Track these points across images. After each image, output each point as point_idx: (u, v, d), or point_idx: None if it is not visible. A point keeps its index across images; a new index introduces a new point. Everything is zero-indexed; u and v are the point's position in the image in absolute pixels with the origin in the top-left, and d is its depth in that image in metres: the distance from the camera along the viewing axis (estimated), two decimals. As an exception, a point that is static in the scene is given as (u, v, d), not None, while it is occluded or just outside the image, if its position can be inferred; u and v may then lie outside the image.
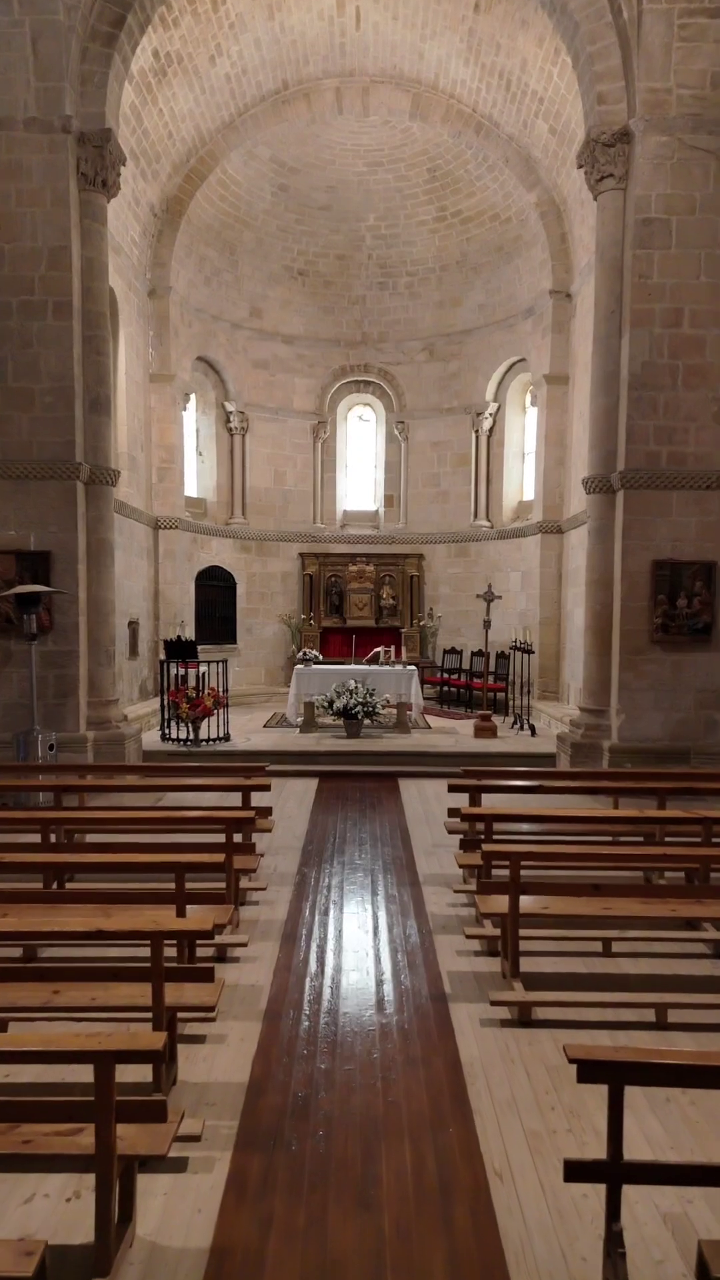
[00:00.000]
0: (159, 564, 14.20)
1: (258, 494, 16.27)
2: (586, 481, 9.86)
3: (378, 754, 10.72)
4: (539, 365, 14.42)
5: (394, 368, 16.65)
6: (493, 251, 15.23)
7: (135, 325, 13.36)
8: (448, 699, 15.39)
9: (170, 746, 10.88)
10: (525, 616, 14.67)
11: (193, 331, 14.90)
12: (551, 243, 13.94)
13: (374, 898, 6.10)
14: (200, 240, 14.68)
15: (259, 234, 15.42)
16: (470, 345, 16.01)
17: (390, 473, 16.97)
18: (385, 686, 11.96)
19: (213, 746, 10.89)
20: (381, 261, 16.15)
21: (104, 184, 9.66)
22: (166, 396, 14.14)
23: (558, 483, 14.10)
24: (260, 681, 16.31)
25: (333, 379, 16.71)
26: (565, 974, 4.80)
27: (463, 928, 5.40)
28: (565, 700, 13.80)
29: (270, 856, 7.01)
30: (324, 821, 8.31)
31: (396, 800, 9.23)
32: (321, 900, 6.04)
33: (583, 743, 9.64)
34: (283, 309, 16.26)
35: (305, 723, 12.10)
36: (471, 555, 16.17)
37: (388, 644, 15.72)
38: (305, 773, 10.31)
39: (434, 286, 16.15)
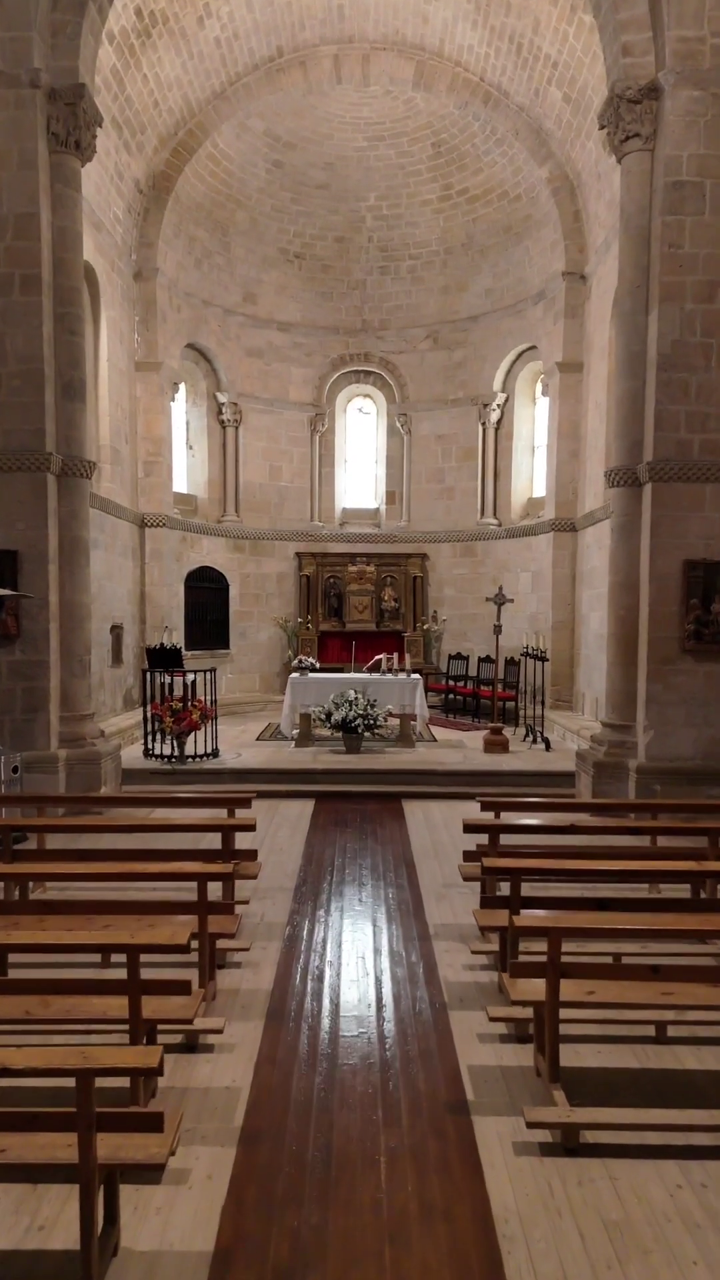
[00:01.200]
0: (145, 564, 13.30)
1: (251, 490, 15.37)
2: (610, 474, 8.96)
3: (380, 772, 9.82)
4: (551, 352, 13.52)
5: (396, 357, 15.74)
6: (501, 232, 14.32)
7: (119, 309, 12.46)
8: (453, 708, 14.49)
9: (153, 764, 9.98)
10: (536, 620, 13.77)
11: (182, 317, 14.00)
12: (564, 221, 13.03)
13: (377, 958, 5.20)
14: (190, 220, 13.78)
15: (252, 214, 14.52)
16: (477, 332, 15.11)
17: (392, 468, 16.07)
18: (387, 697, 11.06)
19: (200, 764, 9.99)
20: (382, 244, 15.25)
21: (78, 145, 8.77)
22: (153, 386, 13.24)
23: (571, 477, 13.20)
24: (254, 689, 15.40)
25: (331, 369, 15.81)
26: (614, 1070, 3.90)
27: (484, 1002, 4.51)
28: (579, 710, 12.91)
29: (257, 901, 6.10)
30: (320, 853, 7.41)
31: (401, 826, 8.33)
32: (315, 962, 5.14)
33: (606, 762, 8.74)
34: (278, 294, 15.36)
35: (301, 736, 11.20)
36: (478, 555, 15.27)
37: (389, 649, 14.83)
38: (300, 793, 9.41)
39: (438, 270, 15.25)
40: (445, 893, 6.36)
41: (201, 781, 9.67)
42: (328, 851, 7.47)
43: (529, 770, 9.83)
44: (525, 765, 10.07)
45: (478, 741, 11.49)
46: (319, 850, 7.50)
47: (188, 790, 9.42)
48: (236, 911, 5.54)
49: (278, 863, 7.08)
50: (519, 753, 10.87)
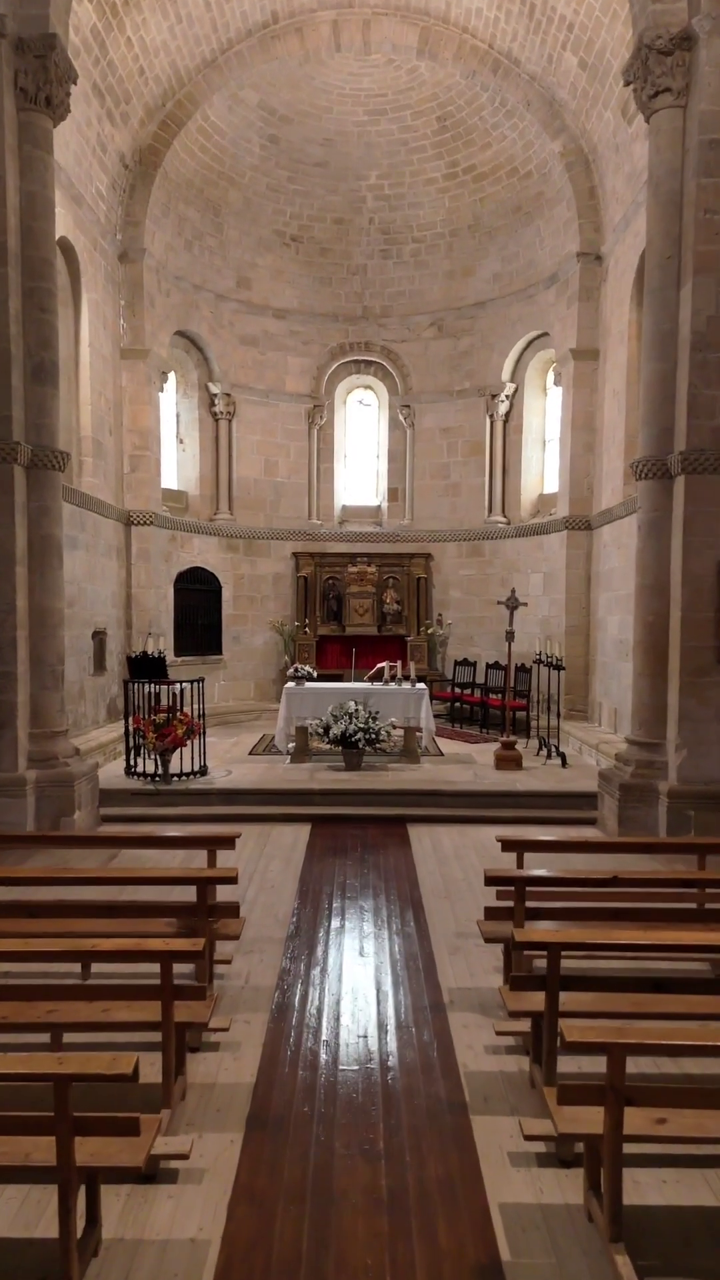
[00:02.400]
0: (131, 565, 12.45)
1: (246, 486, 14.53)
2: (637, 465, 8.11)
3: (382, 793, 8.98)
4: (564, 339, 12.68)
5: (398, 345, 14.90)
6: (510, 212, 13.48)
7: (102, 291, 11.61)
8: (459, 717, 13.65)
9: (135, 783, 9.14)
10: (548, 624, 12.93)
11: (171, 302, 13.16)
12: (579, 198, 12.18)
13: (382, 1037, 4.35)
14: (179, 198, 12.94)
15: (246, 193, 13.67)
16: (484, 319, 14.27)
17: (394, 463, 15.23)
18: (391, 709, 10.22)
19: (186, 783, 9.15)
20: (384, 226, 14.41)
21: (49, 102, 7.93)
22: (140, 374, 12.39)
23: (586, 472, 12.35)
24: (249, 697, 14.57)
25: (330, 358, 14.97)
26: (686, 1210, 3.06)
27: (513, 1100, 3.68)
28: (595, 720, 12.06)
29: (242, 957, 5.26)
30: (316, 891, 6.56)
31: (406, 856, 7.49)
32: (308, 1043, 4.29)
33: (633, 784, 7.89)
34: (274, 279, 14.52)
35: (297, 751, 10.36)
36: (486, 555, 14.42)
37: (391, 654, 14.00)
38: (295, 817, 8.57)
39: (443, 254, 14.41)
40: (459, 944, 5.51)
41: (187, 803, 8.84)
42: (325, 889, 6.62)
43: (546, 791, 8.99)
44: (542, 785, 9.23)
45: (487, 756, 10.65)
46: (315, 887, 6.66)
47: (173, 811, 8.60)
48: (216, 974, 4.72)
49: (268, 905, 6.23)
50: (533, 769, 10.03)
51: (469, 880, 6.74)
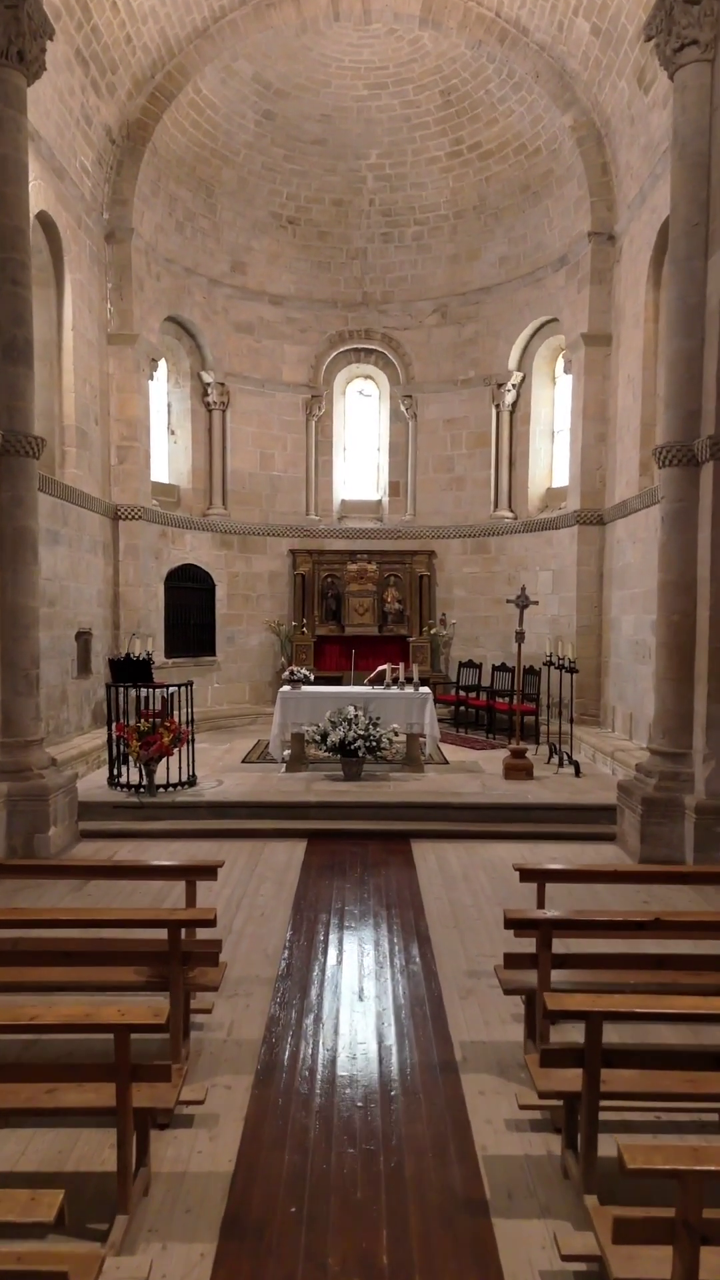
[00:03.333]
0: (119, 562, 11.82)
1: (241, 480, 13.90)
2: (660, 451, 7.48)
3: (384, 806, 8.34)
4: (574, 324, 12.04)
5: (400, 333, 14.27)
6: (517, 192, 12.84)
7: (87, 272, 10.98)
8: (464, 721, 13.02)
9: (119, 795, 8.51)
10: (557, 624, 12.29)
11: (161, 286, 12.52)
12: (591, 175, 11.55)
13: (386, 1108, 3.71)
14: (170, 177, 12.31)
15: (241, 172, 13.04)
16: (490, 305, 13.64)
17: (396, 456, 14.60)
18: (393, 714, 9.58)
19: (172, 795, 8.51)
20: (385, 207, 13.78)
21: (20, 57, 7.30)
22: (128, 361, 11.76)
23: (598, 464, 11.72)
24: (244, 700, 13.94)
25: (329, 346, 14.34)
26: None
27: (545, 1197, 3.06)
28: (608, 725, 11.43)
29: (225, 1003, 4.62)
30: (312, 921, 5.92)
31: (410, 877, 6.85)
32: (299, 1116, 3.65)
33: (657, 798, 7.25)
34: (270, 264, 13.89)
35: (292, 760, 9.73)
36: (492, 551, 13.79)
37: (393, 655, 13.38)
38: (290, 832, 7.94)
39: (447, 237, 13.78)
40: (471, 986, 4.87)
41: (174, 817, 8.20)
42: (321, 917, 5.99)
43: (560, 803, 8.35)
44: (555, 796, 8.59)
45: (495, 764, 10.02)
46: (310, 915, 6.02)
47: (157, 825, 7.97)
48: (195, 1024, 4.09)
49: (257, 937, 5.59)
50: (545, 778, 9.39)
51: (479, 907, 6.11)
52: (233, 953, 5.30)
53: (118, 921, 3.87)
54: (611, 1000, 2.95)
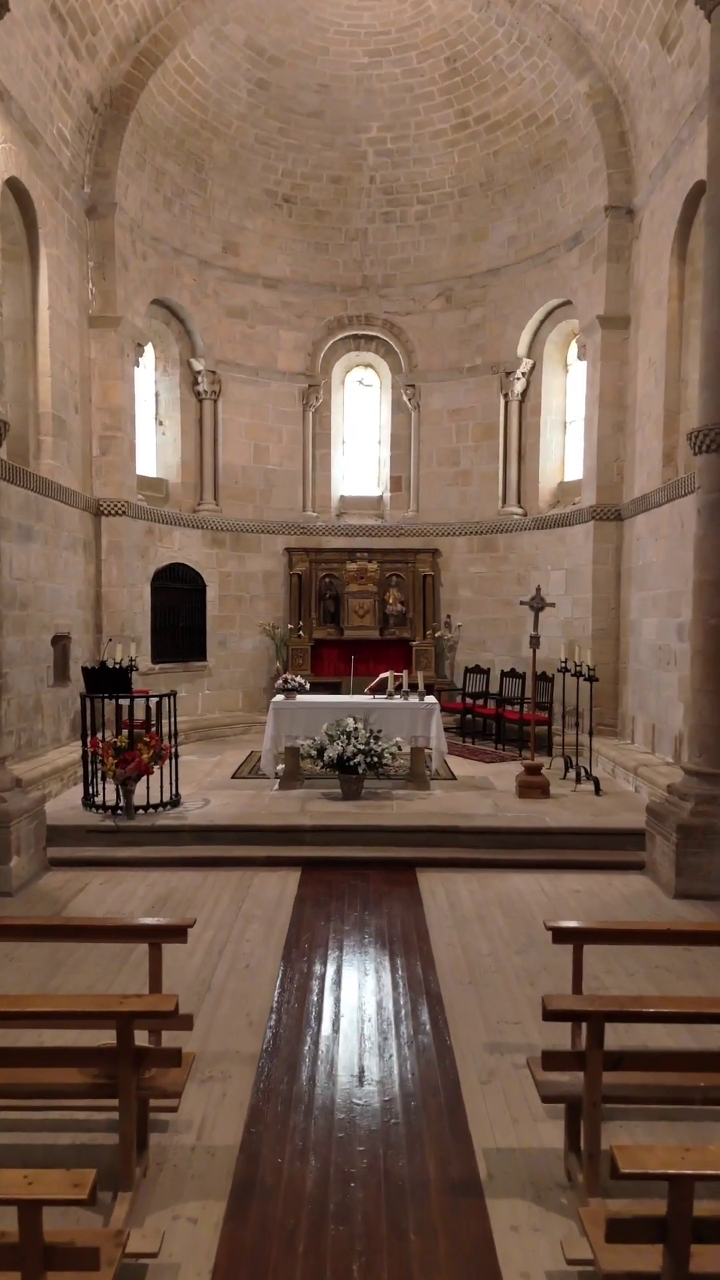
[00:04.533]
0: (101, 561, 11.02)
1: (233, 474, 13.11)
2: (696, 436, 6.68)
3: (387, 830, 7.54)
4: (589, 306, 11.24)
5: (402, 318, 13.48)
6: (528, 166, 12.04)
7: (66, 248, 10.19)
8: (471, 731, 12.22)
9: (93, 818, 7.70)
10: (571, 627, 11.49)
11: (148, 266, 11.72)
12: (608, 145, 10.75)
13: (397, 1261, 2.91)
14: (157, 149, 11.51)
15: (232, 146, 12.24)
16: (498, 288, 12.84)
17: (398, 449, 13.80)
18: (396, 726, 8.79)
19: (153, 817, 7.71)
20: (386, 185, 12.98)
21: (-22, -7, 6.50)
22: (111, 345, 10.96)
23: (616, 455, 10.92)
24: (236, 708, 13.14)
25: (327, 333, 13.54)
26: None
27: None
28: (627, 737, 10.63)
29: (197, 1090, 3.82)
30: (304, 974, 5.12)
31: (417, 915, 6.05)
32: (280, 1267, 2.85)
33: (693, 824, 6.45)
34: (264, 244, 13.09)
35: (286, 776, 8.93)
36: (500, 550, 12.99)
37: (395, 660, 12.59)
38: (282, 860, 7.14)
39: (452, 216, 12.98)
40: (494, 1067, 4.07)
41: (154, 842, 7.40)
42: (316, 969, 5.18)
43: (582, 827, 7.54)
44: (575, 818, 7.78)
45: (506, 780, 9.23)
46: (303, 967, 5.22)
47: (134, 853, 7.18)
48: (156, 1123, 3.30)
49: (240, 997, 4.79)
50: (562, 797, 8.59)
51: (497, 956, 5.31)
52: (211, 1017, 4.51)
53: (51, 1014, 3.05)
54: (705, 1157, 2.15)
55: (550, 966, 5.08)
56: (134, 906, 6.18)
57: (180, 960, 5.17)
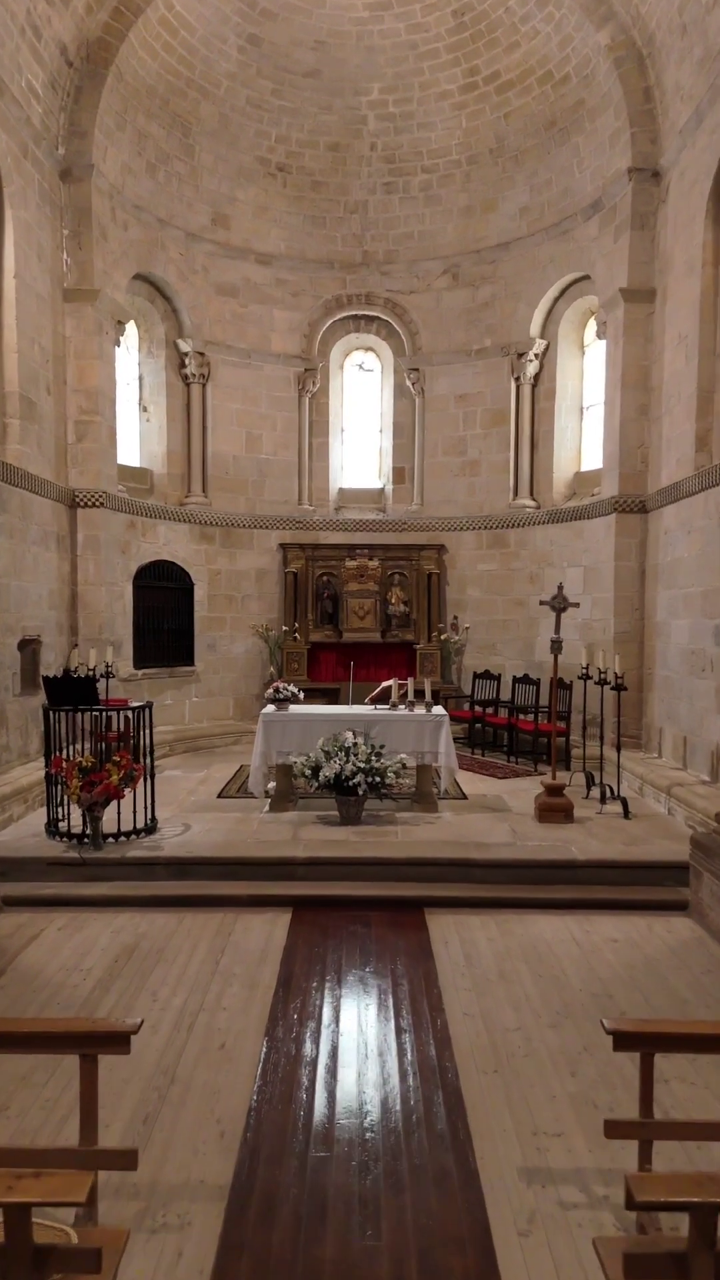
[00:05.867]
0: (77, 556, 10.09)
1: (223, 464, 12.18)
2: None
3: (391, 862, 6.60)
4: (610, 279, 10.31)
5: (405, 297, 12.55)
6: (541, 129, 11.10)
7: (36, 212, 9.26)
8: (481, 741, 11.28)
9: (57, 848, 6.77)
10: (590, 629, 10.56)
11: (129, 237, 10.79)
12: (631, 102, 9.81)
13: None
14: (139, 109, 10.58)
15: (222, 108, 11.31)
16: (508, 264, 11.91)
17: (401, 438, 12.87)
18: (400, 740, 7.86)
19: (124, 847, 6.77)
20: (388, 152, 12.05)
21: None
22: (88, 321, 10.03)
23: (640, 441, 9.99)
24: (227, 716, 12.20)
25: (324, 312, 12.61)
26: None
27: None
28: (653, 750, 9.69)
29: (142, 1247, 2.88)
30: (292, 1056, 4.18)
31: (428, 972, 5.11)
32: None
33: (751, 861, 5.52)
34: (256, 217, 12.16)
35: (278, 797, 8.00)
36: (511, 546, 12.05)
37: (398, 665, 11.71)
38: (270, 899, 6.20)
39: (459, 186, 12.05)
40: (534, 1206, 3.12)
41: (123, 876, 6.47)
42: (306, 1051, 4.24)
43: (614, 860, 6.59)
44: (606, 848, 6.84)
45: (523, 799, 8.31)
46: (290, 1048, 4.27)
47: (101, 891, 6.25)
48: None
49: (210, 1090, 3.85)
50: (587, 820, 7.65)
51: (526, 1031, 4.37)
52: (171, 1127, 3.57)
53: None
54: None
55: (593, 1047, 4.16)
56: (94, 960, 5.25)
57: (142, 1037, 4.23)
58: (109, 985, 4.87)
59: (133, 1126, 3.58)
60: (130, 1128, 3.56)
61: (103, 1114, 3.58)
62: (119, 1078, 3.85)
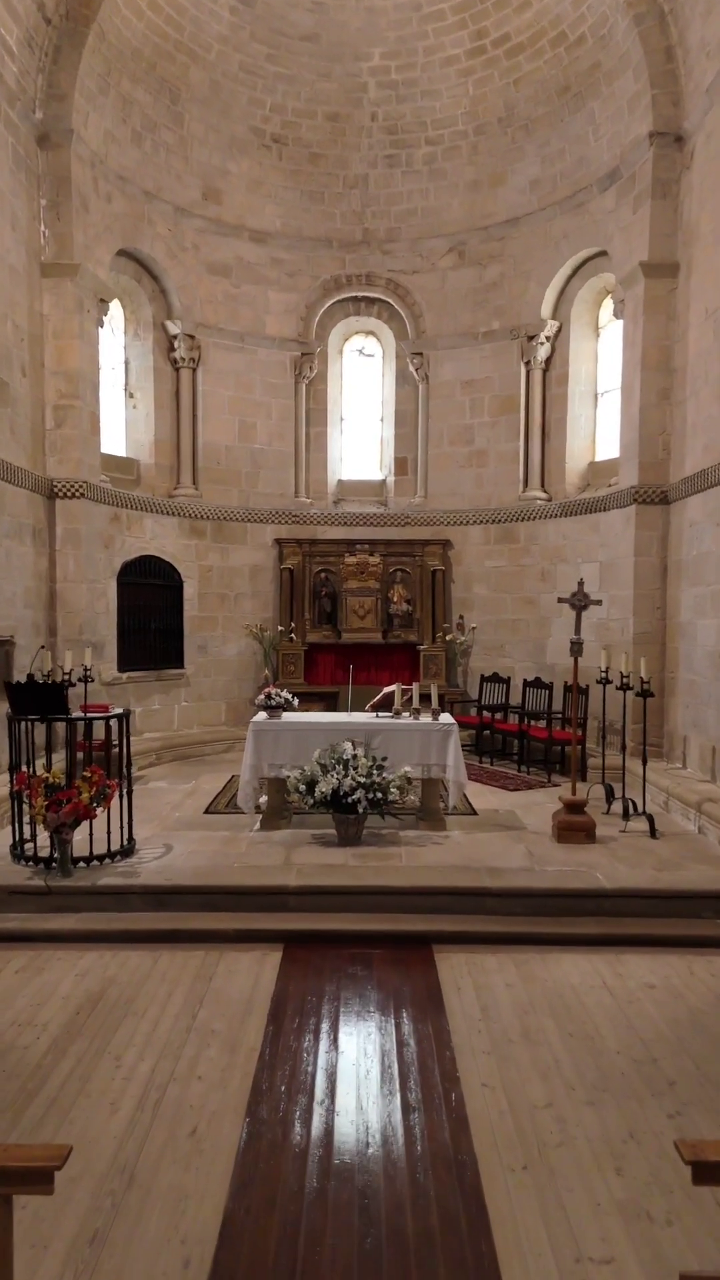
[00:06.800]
0: (55, 551, 9.39)
1: (215, 454, 11.48)
2: None
3: (394, 891, 5.89)
4: (629, 254, 9.61)
5: (408, 278, 11.85)
6: (554, 95, 10.40)
7: (11, 179, 8.57)
8: (489, 749, 10.58)
9: (21, 873, 6.05)
10: (607, 630, 9.85)
11: (113, 210, 10.09)
12: (652, 63, 9.11)
13: None
14: (123, 73, 9.87)
15: (213, 74, 10.61)
16: (518, 241, 11.21)
17: (403, 427, 12.16)
18: (405, 752, 7.15)
19: (96, 872, 6.06)
20: (390, 123, 11.35)
21: None
22: (68, 298, 9.33)
23: (662, 427, 9.29)
24: (219, 722, 11.49)
25: (322, 294, 11.91)
26: None
27: None
28: (676, 760, 8.99)
29: None
30: (276, 1143, 3.47)
31: (439, 1029, 4.40)
32: None
33: None
34: (250, 191, 11.46)
35: (269, 814, 7.30)
36: (521, 540, 11.35)
37: (400, 668, 11.03)
38: (258, 935, 5.49)
39: (465, 158, 11.34)
40: None
41: (94, 906, 5.76)
42: (295, 1135, 3.53)
43: (646, 889, 5.87)
44: (634, 874, 6.12)
45: (536, 814, 7.63)
46: (275, 1133, 3.56)
47: (68, 925, 5.55)
48: None
49: (177, 1196, 3.14)
50: (611, 841, 6.93)
51: (559, 1110, 3.66)
52: (123, 1250, 2.86)
53: None
54: None
55: (640, 1133, 3.46)
56: (51, 1012, 4.54)
57: (99, 1118, 3.55)
58: (66, 1047, 4.17)
59: (77, 1249, 2.87)
60: (74, 1252, 2.86)
61: (42, 1230, 2.92)
62: (66, 1176, 3.14)
